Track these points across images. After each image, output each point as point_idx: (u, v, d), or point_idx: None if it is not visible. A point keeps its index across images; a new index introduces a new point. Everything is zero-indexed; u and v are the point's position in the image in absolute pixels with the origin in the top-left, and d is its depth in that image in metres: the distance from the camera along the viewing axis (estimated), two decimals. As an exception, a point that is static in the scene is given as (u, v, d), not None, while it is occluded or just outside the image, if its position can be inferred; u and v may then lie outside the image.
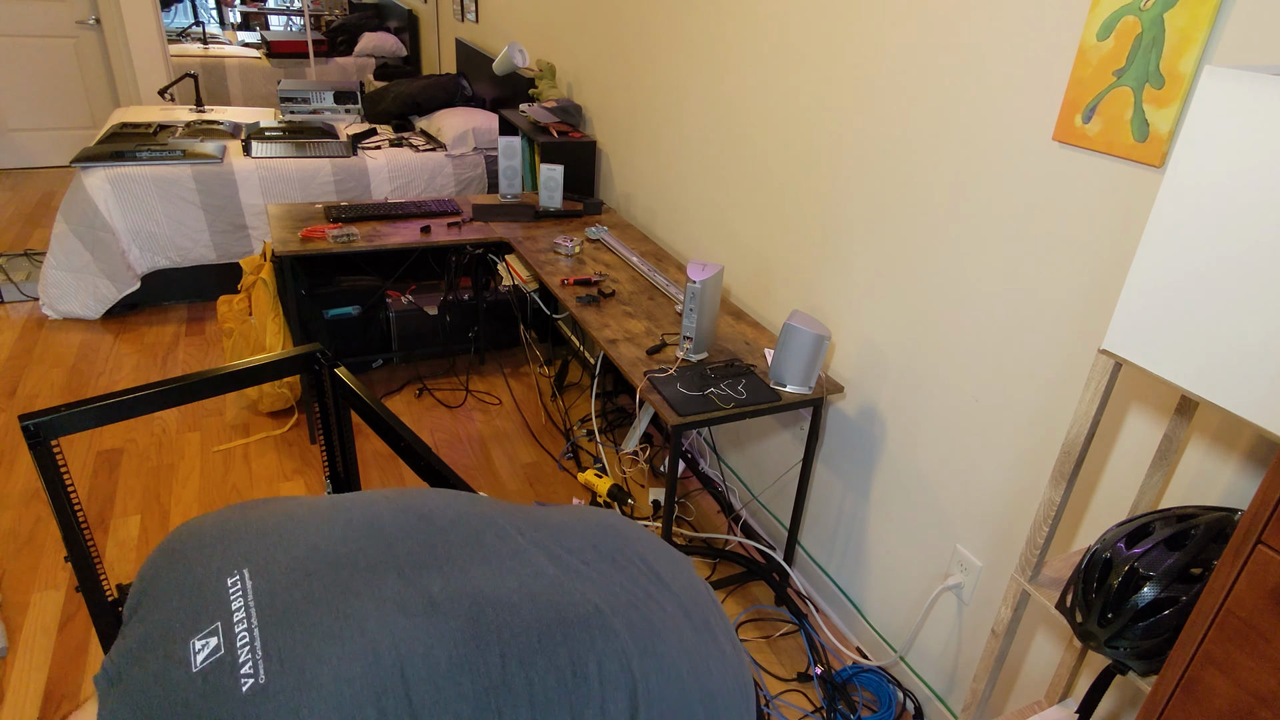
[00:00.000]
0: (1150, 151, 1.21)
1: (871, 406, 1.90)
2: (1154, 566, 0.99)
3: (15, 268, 3.78)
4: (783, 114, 2.05)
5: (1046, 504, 1.17)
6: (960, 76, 1.53)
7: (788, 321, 1.79)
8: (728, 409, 1.75)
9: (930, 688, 1.86)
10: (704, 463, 2.73)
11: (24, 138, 5.10)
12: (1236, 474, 1.18)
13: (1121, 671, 1.06)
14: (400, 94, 4.22)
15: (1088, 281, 1.34)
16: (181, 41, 6.38)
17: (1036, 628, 1.57)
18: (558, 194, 2.89)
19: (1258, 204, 0.83)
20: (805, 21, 1.92)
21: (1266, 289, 0.84)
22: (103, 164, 3.25)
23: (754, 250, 2.27)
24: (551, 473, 2.68)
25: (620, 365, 1.91)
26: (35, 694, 1.78)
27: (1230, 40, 1.10)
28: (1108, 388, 1.06)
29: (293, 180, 3.52)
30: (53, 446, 1.16)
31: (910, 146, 1.67)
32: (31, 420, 1.16)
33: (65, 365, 3.06)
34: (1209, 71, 0.86)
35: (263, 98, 6.12)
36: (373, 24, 6.64)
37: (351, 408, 1.38)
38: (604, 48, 3.00)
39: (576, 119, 3.27)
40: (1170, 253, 0.92)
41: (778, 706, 1.90)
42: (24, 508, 2.33)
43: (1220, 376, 0.89)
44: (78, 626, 1.96)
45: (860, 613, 2.05)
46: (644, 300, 2.28)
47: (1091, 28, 1.26)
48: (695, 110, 2.45)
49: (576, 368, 3.37)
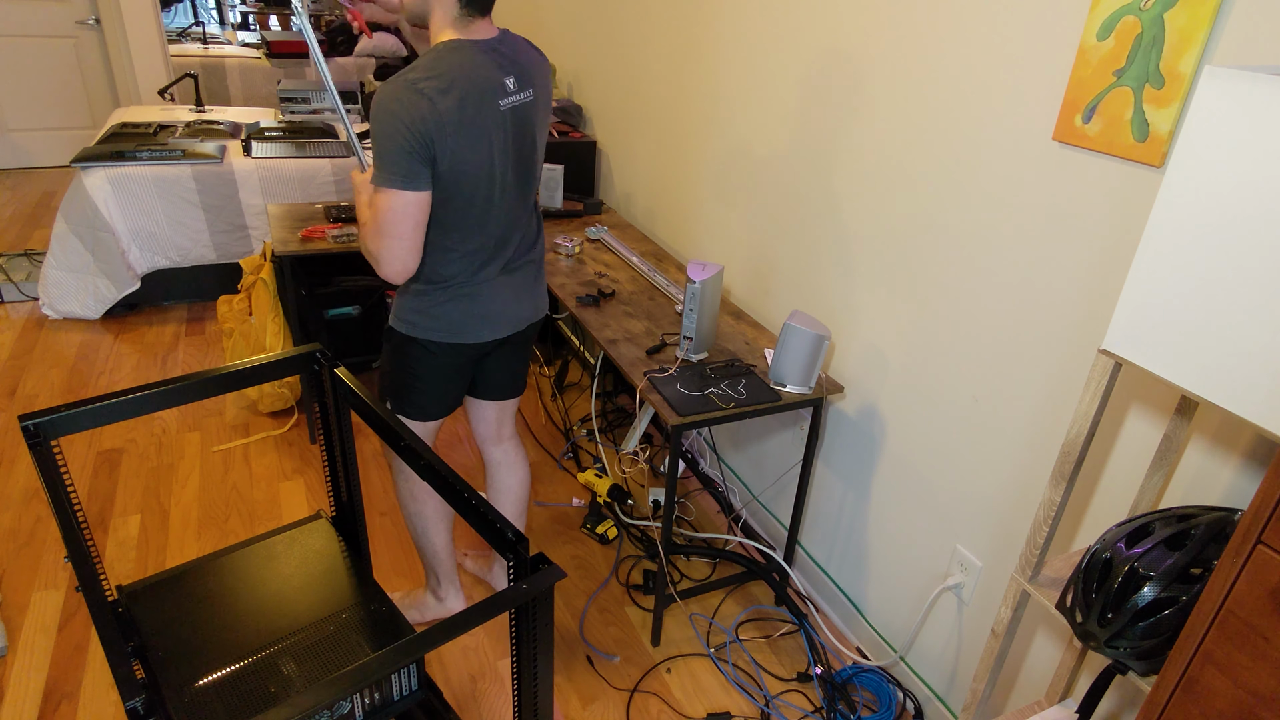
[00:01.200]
0: (1150, 151, 1.21)
1: (871, 406, 1.90)
2: (1154, 566, 0.99)
3: (15, 268, 3.78)
4: (782, 114, 2.05)
5: (1046, 504, 1.17)
6: (960, 76, 1.53)
7: (788, 321, 1.79)
8: (728, 409, 1.74)
9: (930, 688, 1.86)
10: (704, 463, 2.73)
11: (24, 138, 5.10)
12: (1236, 474, 1.18)
13: (1121, 671, 1.06)
14: (400, 94, 4.22)
15: (1088, 281, 1.34)
16: (181, 41, 6.38)
17: (1036, 628, 1.57)
18: (558, 194, 2.89)
19: (1258, 204, 0.83)
20: (805, 21, 1.92)
21: (1267, 289, 0.84)
22: (103, 164, 3.25)
23: (754, 250, 2.27)
24: (551, 472, 2.68)
25: (620, 365, 1.91)
26: (35, 694, 1.78)
27: (1230, 40, 1.10)
28: (1108, 388, 1.06)
29: (293, 180, 3.52)
30: (53, 447, 1.15)
31: (910, 146, 1.67)
32: (31, 420, 1.15)
33: (65, 365, 3.06)
34: (1209, 71, 0.86)
35: (263, 98, 6.11)
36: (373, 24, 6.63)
37: (352, 408, 1.37)
38: (604, 48, 3.00)
39: (576, 119, 3.27)
40: (1170, 253, 0.92)
41: (778, 706, 1.90)
42: (24, 507, 2.33)
43: (1220, 376, 0.89)
44: (78, 626, 1.96)
45: (860, 613, 2.05)
46: (644, 300, 2.28)
47: (1091, 28, 1.26)
48: (695, 110, 2.45)
49: (576, 368, 3.37)
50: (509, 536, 1.04)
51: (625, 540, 2.39)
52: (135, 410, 1.23)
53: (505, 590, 0.96)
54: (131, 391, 1.22)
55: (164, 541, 2.26)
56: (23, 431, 1.14)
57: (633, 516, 2.49)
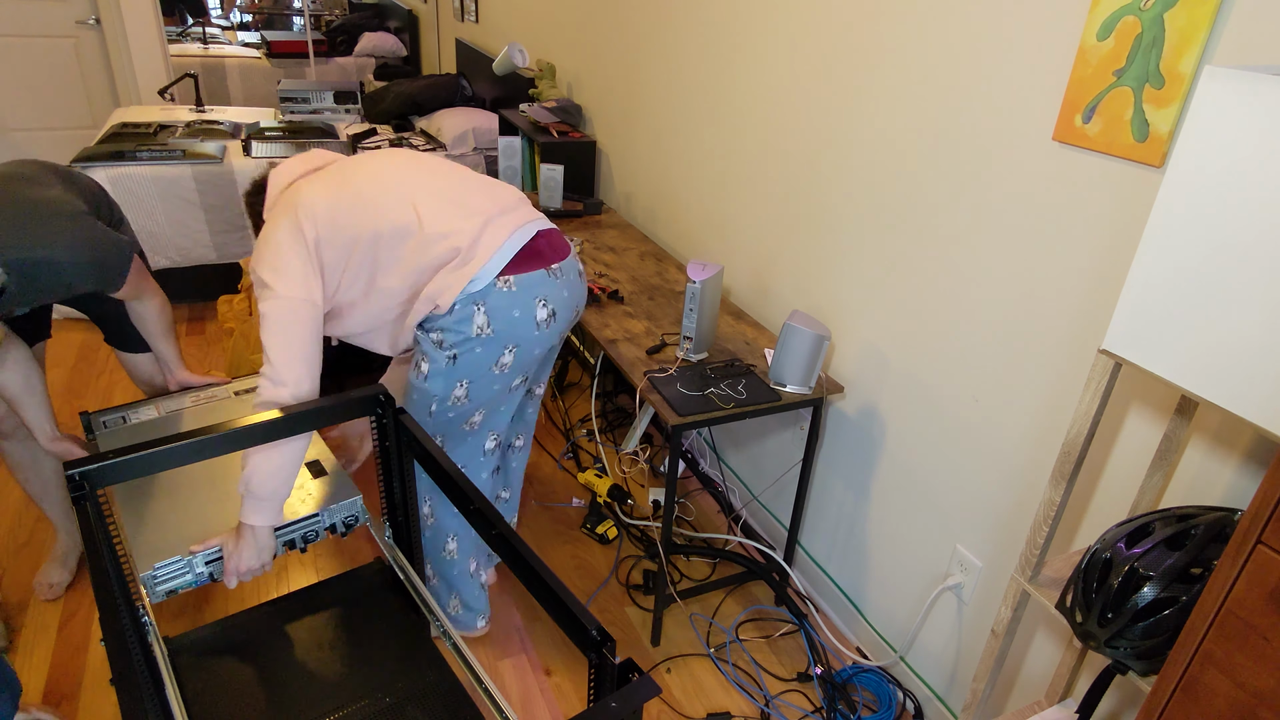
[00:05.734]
0: (1150, 151, 1.21)
1: (871, 406, 1.90)
2: (1154, 566, 0.99)
3: (15, 268, 3.77)
4: (783, 114, 2.05)
5: (1046, 504, 1.17)
6: (960, 76, 1.53)
7: (788, 321, 1.79)
8: (728, 409, 1.74)
9: (930, 688, 1.86)
10: (704, 463, 2.73)
11: (24, 138, 5.10)
12: (1236, 474, 1.18)
13: (1121, 671, 1.06)
14: (400, 94, 4.22)
15: (1088, 281, 1.34)
16: (181, 41, 6.38)
17: (1036, 628, 1.57)
18: (558, 194, 2.89)
19: (1258, 204, 0.83)
20: (805, 21, 1.92)
21: (1266, 289, 0.84)
22: (103, 164, 3.25)
23: (754, 250, 2.27)
24: (551, 472, 2.68)
25: (620, 365, 1.91)
26: (35, 694, 1.78)
27: (1230, 40, 1.10)
28: (1108, 388, 1.06)
29: (293, 180, 3.51)
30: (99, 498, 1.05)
31: (910, 146, 1.67)
32: (77, 470, 1.04)
33: (65, 365, 3.06)
34: (1209, 71, 0.86)
35: (263, 98, 6.12)
36: (373, 24, 6.64)
37: (415, 456, 1.27)
38: (604, 48, 3.00)
39: (576, 119, 3.27)
40: (1170, 252, 0.92)
41: (778, 706, 1.90)
42: (24, 507, 2.33)
43: (1220, 377, 0.89)
44: (78, 626, 1.96)
45: (860, 613, 2.05)
46: (644, 300, 2.28)
47: (1091, 28, 1.26)
48: (695, 110, 2.45)
49: (576, 368, 3.37)
50: (593, 635, 0.88)
51: (625, 540, 2.39)
52: (191, 457, 1.13)
53: (590, 710, 0.80)
54: (187, 436, 1.13)
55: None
56: (68, 482, 1.04)
57: (633, 516, 2.49)
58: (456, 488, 1.10)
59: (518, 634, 2.04)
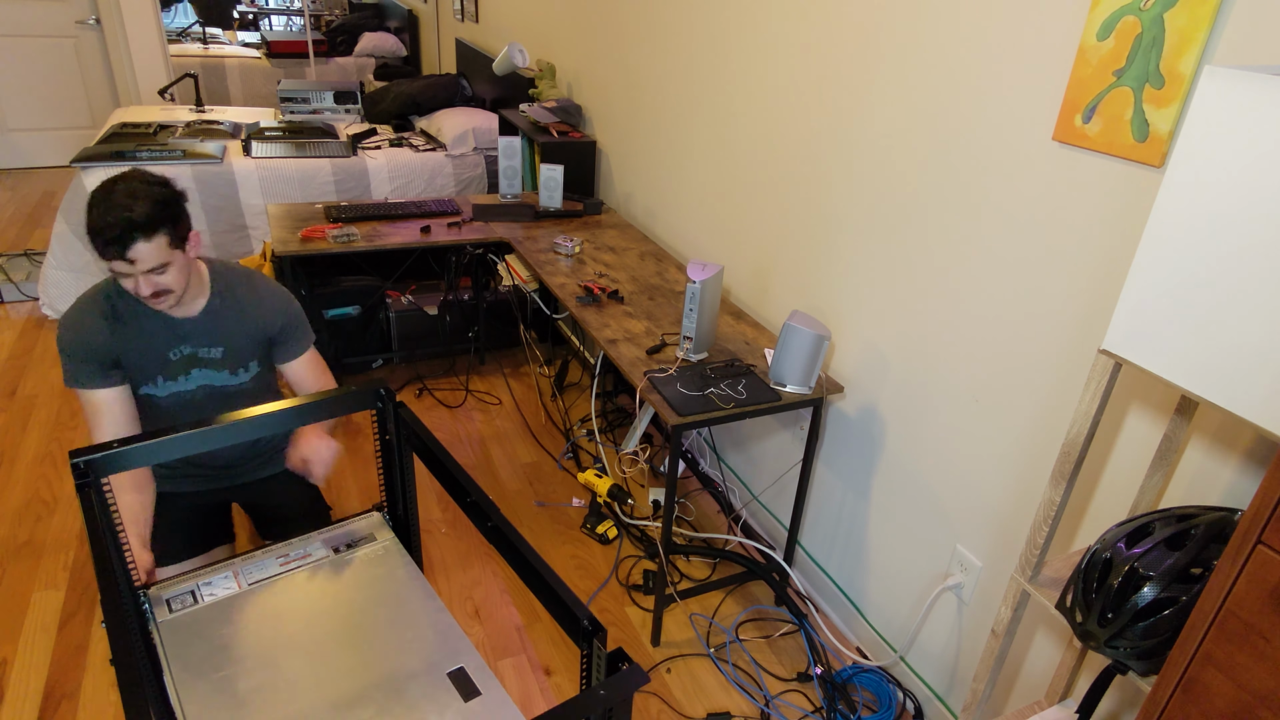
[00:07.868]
0: (1150, 151, 1.21)
1: (871, 406, 1.90)
2: (1154, 566, 0.99)
3: (15, 268, 3.78)
4: (783, 114, 2.05)
5: (1046, 504, 1.17)
6: (960, 76, 1.53)
7: (788, 321, 1.79)
8: (728, 409, 1.74)
9: (930, 688, 1.86)
10: (704, 463, 2.73)
11: (24, 138, 5.10)
12: (1236, 474, 1.18)
13: (1121, 671, 1.06)
14: (400, 94, 4.22)
15: (1088, 281, 1.34)
16: (181, 41, 6.38)
17: (1036, 628, 1.57)
18: (558, 194, 2.89)
19: (1257, 204, 0.83)
20: (805, 21, 1.92)
21: (1266, 289, 0.84)
22: (103, 164, 3.25)
23: (754, 250, 2.27)
24: (551, 472, 2.68)
25: (620, 365, 1.91)
26: (35, 693, 1.78)
27: (1230, 40, 1.10)
28: (1108, 388, 1.06)
29: (293, 180, 3.52)
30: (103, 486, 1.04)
31: (910, 146, 1.67)
32: (83, 458, 1.02)
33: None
34: (1209, 71, 0.86)
35: (263, 98, 6.12)
36: (373, 24, 6.64)
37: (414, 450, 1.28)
38: (604, 48, 3.00)
39: (576, 119, 3.27)
40: (1170, 253, 0.92)
41: (778, 706, 1.90)
42: (24, 508, 2.33)
43: (1220, 377, 0.89)
44: (78, 626, 1.96)
45: (860, 613, 2.05)
46: (644, 300, 2.28)
47: (1091, 28, 1.26)
48: (695, 110, 2.45)
49: (576, 368, 3.37)
50: (584, 625, 0.89)
51: (625, 540, 2.39)
52: (193, 446, 1.14)
53: (578, 697, 0.79)
54: (191, 426, 1.14)
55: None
56: (72, 469, 1.03)
57: (633, 516, 2.49)
58: (453, 479, 1.12)
59: (518, 634, 2.04)
